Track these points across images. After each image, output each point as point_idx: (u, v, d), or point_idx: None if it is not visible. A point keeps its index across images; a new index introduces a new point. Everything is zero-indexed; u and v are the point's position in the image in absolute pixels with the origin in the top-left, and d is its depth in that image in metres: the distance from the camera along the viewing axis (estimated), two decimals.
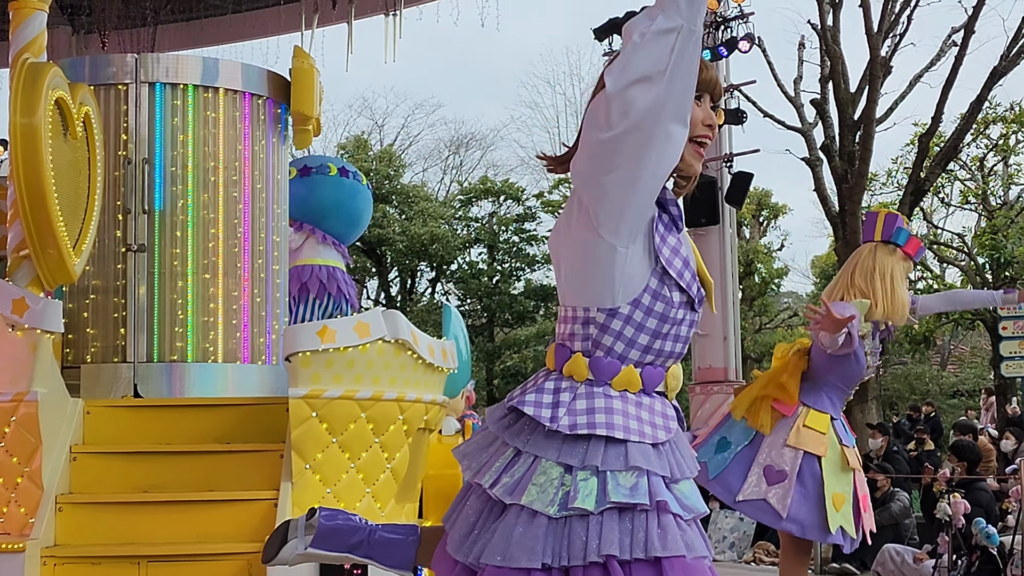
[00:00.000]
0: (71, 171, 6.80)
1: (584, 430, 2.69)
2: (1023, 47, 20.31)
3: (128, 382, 7.59)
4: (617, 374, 2.77)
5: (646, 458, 2.69)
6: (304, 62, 8.39)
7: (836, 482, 6.19)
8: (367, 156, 33.79)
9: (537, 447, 2.72)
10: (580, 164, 2.72)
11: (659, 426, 2.78)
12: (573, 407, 2.73)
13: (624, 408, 2.74)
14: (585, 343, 2.80)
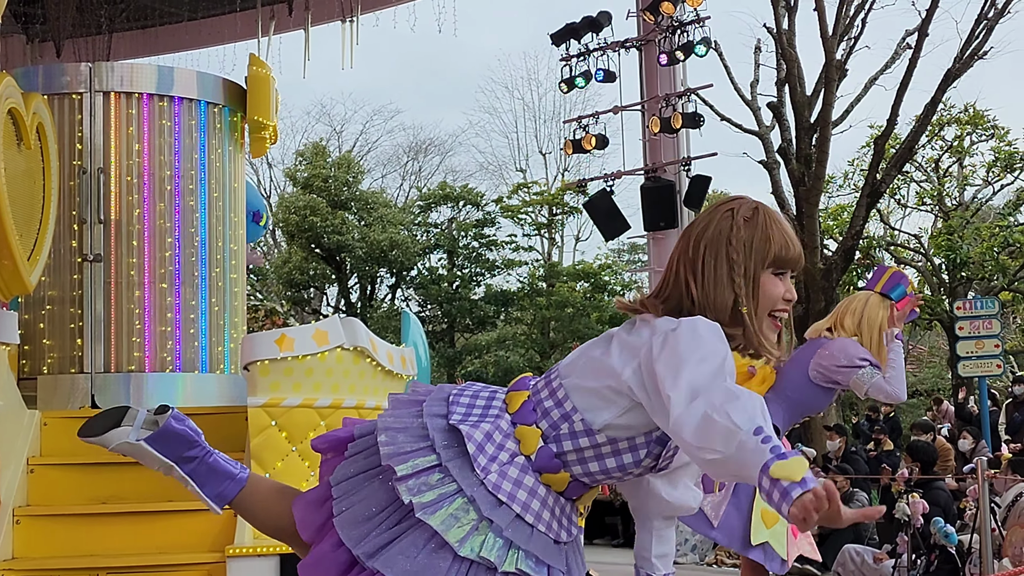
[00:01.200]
0: (25, 181, 6.75)
1: (503, 496, 2.73)
2: (976, 49, 20.47)
3: (85, 393, 7.54)
4: (554, 473, 2.80)
5: (545, 550, 2.74)
6: (260, 69, 8.37)
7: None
8: (325, 163, 33.67)
9: (461, 477, 2.74)
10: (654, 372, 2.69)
11: (564, 527, 2.82)
12: (505, 472, 2.76)
13: (544, 499, 2.78)
14: (550, 430, 2.82)
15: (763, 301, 2.83)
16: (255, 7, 17.67)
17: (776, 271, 2.86)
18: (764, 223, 2.87)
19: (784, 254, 2.85)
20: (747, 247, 2.83)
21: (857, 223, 20.70)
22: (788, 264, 2.87)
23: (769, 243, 2.84)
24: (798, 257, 2.89)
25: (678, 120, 16.78)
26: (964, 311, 18.39)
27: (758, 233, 2.85)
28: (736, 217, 2.86)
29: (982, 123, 28.23)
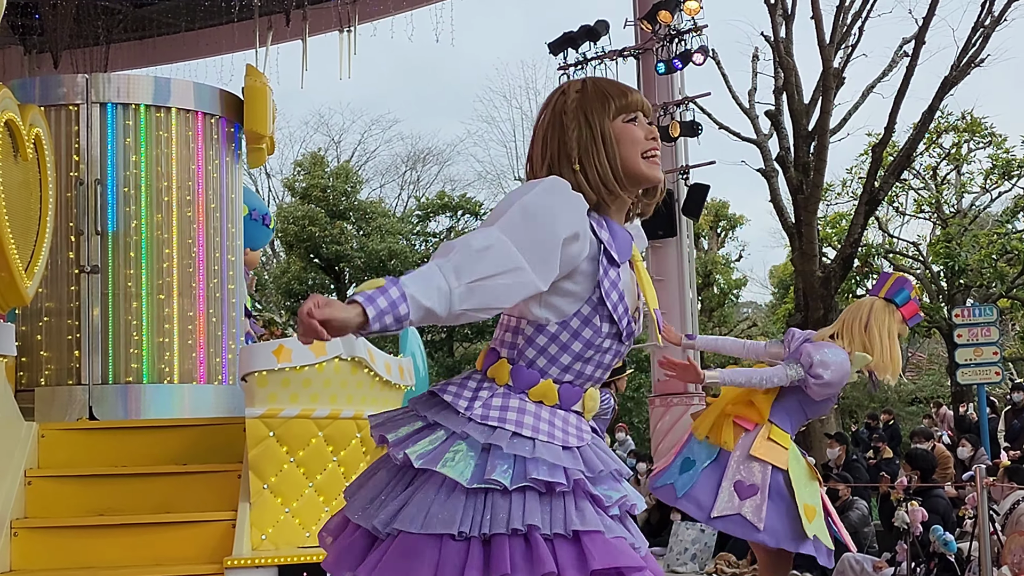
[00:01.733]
0: (22, 193, 6.74)
1: (493, 422, 2.78)
2: (973, 57, 20.50)
3: (83, 404, 7.53)
4: (535, 385, 2.87)
5: (554, 455, 2.76)
6: (257, 80, 8.37)
7: (806, 493, 6.24)
8: (324, 172, 33.70)
9: (449, 422, 2.79)
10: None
11: (571, 433, 2.85)
12: (490, 403, 2.82)
13: (537, 413, 2.83)
14: (511, 351, 2.90)
15: (628, 148, 2.95)
16: (252, 18, 17.69)
17: (625, 118, 2.96)
18: (593, 85, 3.00)
19: (623, 100, 2.97)
20: (585, 111, 2.95)
21: (855, 231, 20.72)
22: (632, 107, 2.98)
23: (607, 97, 2.96)
24: (639, 101, 3.00)
25: (676, 128, 16.79)
26: (963, 318, 18.37)
27: (591, 95, 2.97)
28: (569, 92, 3.00)
29: (979, 130, 28.28)
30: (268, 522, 6.54)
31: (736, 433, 6.38)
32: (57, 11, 17.01)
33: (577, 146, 2.92)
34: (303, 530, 6.72)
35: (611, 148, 2.93)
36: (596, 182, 2.91)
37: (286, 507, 6.63)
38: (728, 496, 6.24)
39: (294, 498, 6.66)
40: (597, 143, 2.92)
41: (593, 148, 2.92)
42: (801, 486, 6.24)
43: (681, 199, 17.22)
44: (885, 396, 30.52)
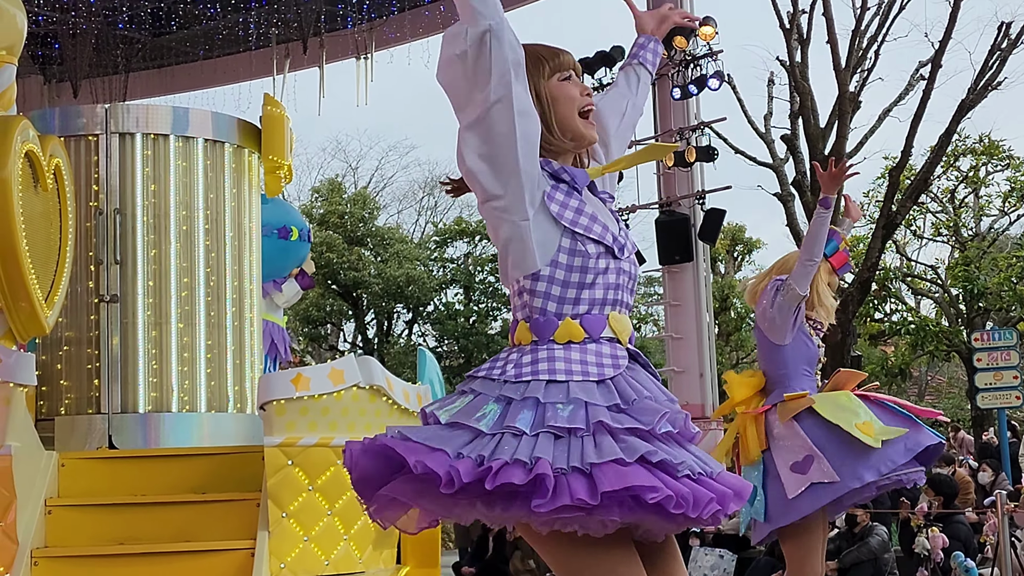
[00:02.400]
0: (42, 223, 6.78)
1: (527, 377, 2.87)
2: (990, 80, 20.50)
3: (103, 433, 7.55)
4: (556, 329, 2.96)
5: (587, 392, 2.84)
6: (274, 109, 8.41)
7: (847, 416, 5.98)
8: (341, 199, 33.78)
9: (482, 387, 2.91)
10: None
11: (605, 364, 2.93)
12: (520, 362, 2.93)
13: (567, 355, 2.92)
14: (524, 311, 3.01)
15: (565, 105, 3.07)
16: (270, 46, 17.80)
17: (560, 77, 3.10)
18: (525, 49, 3.04)
19: (556, 60, 3.10)
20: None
21: (873, 255, 20.70)
22: (565, 66, 3.12)
23: (540, 59, 3.09)
24: (572, 59, 3.14)
25: (692, 154, 16.81)
26: (982, 342, 18.34)
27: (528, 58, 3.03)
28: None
29: (997, 153, 28.22)
30: (287, 551, 6.54)
31: (759, 429, 6.25)
32: (77, 40, 17.15)
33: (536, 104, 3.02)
34: (322, 558, 6.72)
35: (547, 107, 3.05)
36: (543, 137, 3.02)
37: (305, 535, 6.63)
38: (793, 481, 6.06)
39: (313, 526, 6.65)
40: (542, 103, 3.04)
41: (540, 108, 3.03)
42: (835, 416, 6.00)
43: (698, 224, 17.23)
44: None
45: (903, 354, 28.03)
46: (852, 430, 5.89)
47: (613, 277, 3.02)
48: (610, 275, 3.02)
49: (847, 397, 6.11)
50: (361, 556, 6.87)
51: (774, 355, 6.33)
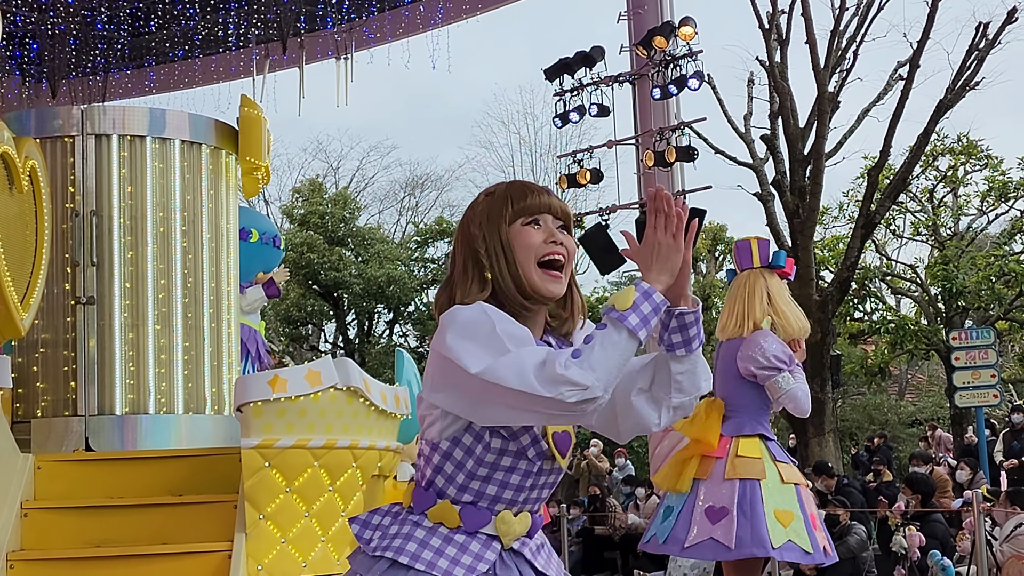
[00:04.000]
0: (17, 225, 6.76)
1: (378, 552, 2.72)
2: (968, 80, 20.58)
3: (79, 436, 7.53)
4: (432, 506, 2.76)
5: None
6: (251, 110, 8.40)
7: (777, 499, 6.22)
8: (322, 199, 33.75)
9: (355, 562, 2.81)
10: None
11: (461, 563, 2.71)
12: (387, 531, 2.77)
13: (425, 539, 2.72)
14: (418, 473, 2.84)
15: (521, 254, 2.77)
16: (249, 46, 17.76)
17: (525, 221, 2.80)
18: (505, 188, 2.86)
19: (525, 202, 2.80)
20: (487, 214, 2.81)
21: (852, 254, 20.76)
22: (533, 209, 2.81)
23: (507, 200, 2.82)
24: (545, 201, 2.83)
25: (672, 154, 16.83)
26: (960, 341, 18.44)
27: (496, 199, 2.84)
28: (480, 197, 2.88)
29: (976, 153, 28.35)
30: (264, 552, 6.53)
31: (706, 465, 6.39)
32: (55, 41, 17.09)
33: (485, 253, 2.79)
34: (300, 560, 6.71)
35: (509, 255, 2.78)
36: (502, 292, 2.76)
37: (282, 537, 6.63)
38: (700, 524, 6.25)
39: (290, 528, 6.65)
40: (495, 250, 2.78)
41: (495, 256, 2.78)
42: (771, 493, 6.22)
43: None
44: (885, 419, 30.50)
45: (883, 353, 28.12)
46: (770, 514, 6.10)
47: (517, 479, 2.77)
48: (513, 475, 2.76)
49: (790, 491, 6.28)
50: (339, 557, 6.86)
51: (738, 387, 6.47)
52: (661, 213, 2.63)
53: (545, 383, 2.45)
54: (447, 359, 2.60)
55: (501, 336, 2.57)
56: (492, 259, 2.77)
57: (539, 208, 2.81)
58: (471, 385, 2.57)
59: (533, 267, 2.76)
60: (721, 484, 6.26)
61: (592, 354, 2.48)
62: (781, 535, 6.13)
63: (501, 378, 2.49)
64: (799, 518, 6.23)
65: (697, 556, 6.44)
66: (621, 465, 19.60)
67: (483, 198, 2.87)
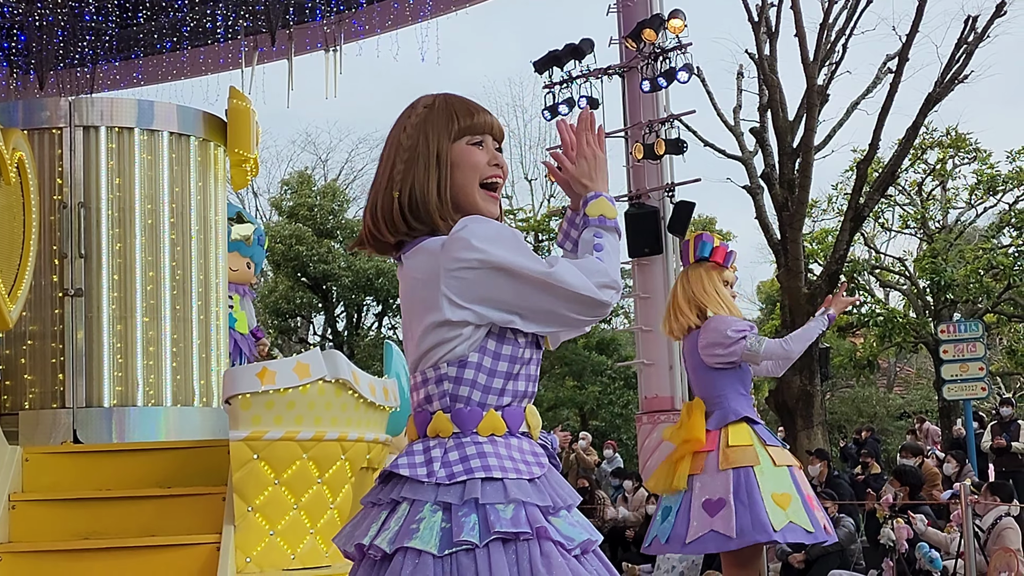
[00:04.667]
0: (5, 217, 6.75)
1: (462, 476, 2.71)
2: (956, 73, 20.62)
3: (67, 428, 7.52)
4: (480, 421, 2.78)
5: (523, 491, 2.72)
6: (240, 102, 8.38)
7: (772, 483, 6.22)
8: (311, 191, 33.72)
9: (414, 493, 2.73)
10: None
11: (531, 463, 2.79)
12: (447, 459, 2.75)
13: (496, 451, 2.76)
14: (443, 400, 2.80)
15: (466, 173, 2.84)
16: (238, 38, 17.72)
17: (471, 140, 2.85)
18: (444, 101, 2.89)
19: (472, 120, 2.85)
20: (427, 129, 2.83)
21: (841, 247, 20.80)
22: (479, 129, 2.87)
23: (452, 116, 2.85)
24: (489, 121, 2.89)
25: (661, 146, 16.83)
26: (948, 334, 18.48)
27: (436, 112, 2.86)
28: (416, 108, 2.90)
29: (964, 146, 28.41)
30: (253, 545, 6.53)
31: (698, 460, 6.40)
32: (43, 32, 17.03)
33: (435, 166, 2.82)
34: (288, 552, 6.71)
35: (444, 172, 2.83)
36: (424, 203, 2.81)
37: (271, 529, 6.62)
38: (698, 518, 6.25)
39: (279, 520, 6.65)
40: (430, 165, 2.82)
41: (430, 169, 2.81)
42: (766, 478, 6.22)
43: (667, 216, 17.25)
44: (874, 411, 30.57)
45: (871, 346, 28.18)
46: (767, 497, 6.11)
47: (533, 368, 2.89)
48: (531, 366, 2.88)
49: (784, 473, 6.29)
50: (327, 550, 6.86)
51: (712, 379, 6.50)
52: (591, 132, 2.88)
53: (600, 289, 2.72)
54: (491, 268, 2.69)
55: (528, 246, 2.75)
56: (427, 172, 2.81)
57: (484, 128, 2.88)
58: (526, 290, 2.71)
59: (476, 188, 2.84)
60: (716, 476, 6.26)
61: (611, 260, 2.78)
62: (782, 518, 6.13)
63: (566, 282, 2.68)
64: (796, 499, 6.24)
65: (700, 550, 6.43)
66: (609, 457, 19.62)
67: (421, 108, 2.89)
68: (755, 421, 6.50)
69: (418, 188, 2.80)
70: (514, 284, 2.69)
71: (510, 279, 2.69)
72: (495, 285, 2.70)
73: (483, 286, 2.71)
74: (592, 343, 29.90)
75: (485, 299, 2.72)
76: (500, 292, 2.71)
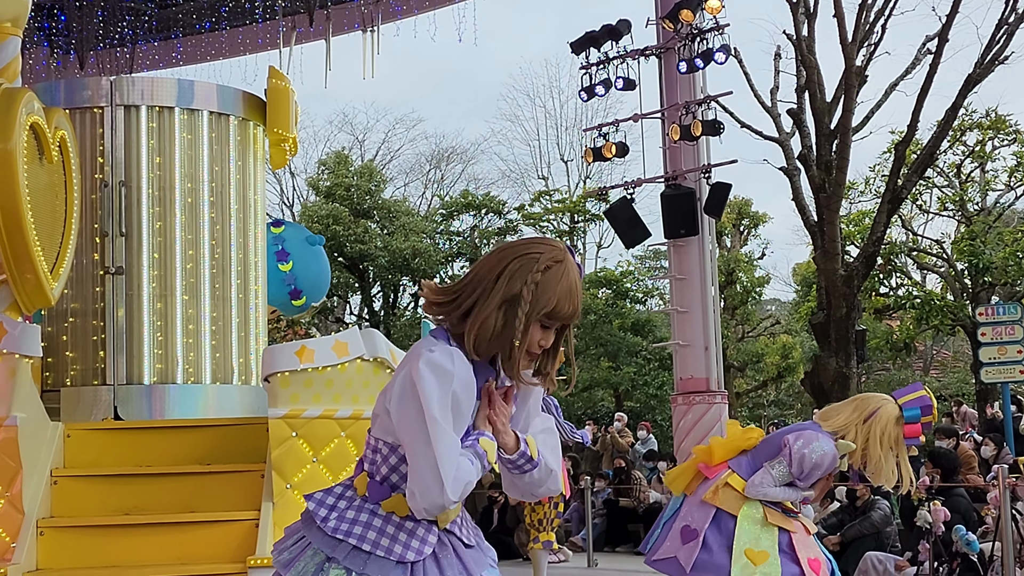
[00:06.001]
0: (47, 195, 6.81)
1: (340, 535, 3.10)
2: (997, 54, 20.44)
3: (108, 405, 7.60)
4: (386, 499, 3.15)
5: (381, 570, 3.08)
6: (279, 82, 8.42)
7: (751, 538, 6.10)
8: (348, 171, 33.73)
9: (312, 535, 3.15)
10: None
11: (411, 547, 3.12)
12: (343, 515, 3.15)
13: (381, 527, 3.13)
14: (371, 466, 3.18)
15: (527, 343, 3.14)
16: (276, 18, 17.76)
17: (546, 322, 3.15)
18: (556, 276, 3.15)
19: (560, 310, 3.15)
20: (536, 293, 3.11)
21: (878, 229, 20.68)
22: (559, 319, 3.17)
23: (552, 297, 3.12)
24: (572, 314, 3.19)
25: (698, 127, 16.76)
26: (986, 317, 18.34)
27: (547, 283, 3.13)
28: (542, 261, 3.14)
29: (1004, 128, 28.14)
30: (291, 521, 6.53)
31: (697, 480, 6.36)
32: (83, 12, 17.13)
33: (522, 322, 3.10)
34: None
35: (510, 327, 3.10)
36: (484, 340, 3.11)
37: None
38: (672, 539, 6.22)
39: None
40: (510, 315, 3.10)
41: (508, 320, 3.10)
42: (745, 531, 6.11)
43: (703, 198, 17.21)
44: None
45: (908, 328, 28.02)
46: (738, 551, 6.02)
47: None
48: None
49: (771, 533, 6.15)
50: None
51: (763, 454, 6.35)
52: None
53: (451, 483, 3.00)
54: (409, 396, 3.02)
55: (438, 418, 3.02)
56: (506, 321, 3.10)
57: (564, 319, 3.19)
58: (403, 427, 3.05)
59: (524, 353, 3.14)
60: (701, 506, 6.20)
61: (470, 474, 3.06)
62: (749, 572, 6.02)
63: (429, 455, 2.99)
64: (774, 561, 6.08)
65: (660, 570, 6.37)
66: (643, 439, 19.61)
67: (544, 266, 3.14)
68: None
69: (492, 325, 3.11)
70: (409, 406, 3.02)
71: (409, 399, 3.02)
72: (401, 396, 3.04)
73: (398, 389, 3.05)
74: (628, 324, 29.86)
75: (392, 399, 3.06)
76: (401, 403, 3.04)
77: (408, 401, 3.01)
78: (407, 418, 3.01)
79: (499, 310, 3.10)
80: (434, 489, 2.96)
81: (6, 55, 6.85)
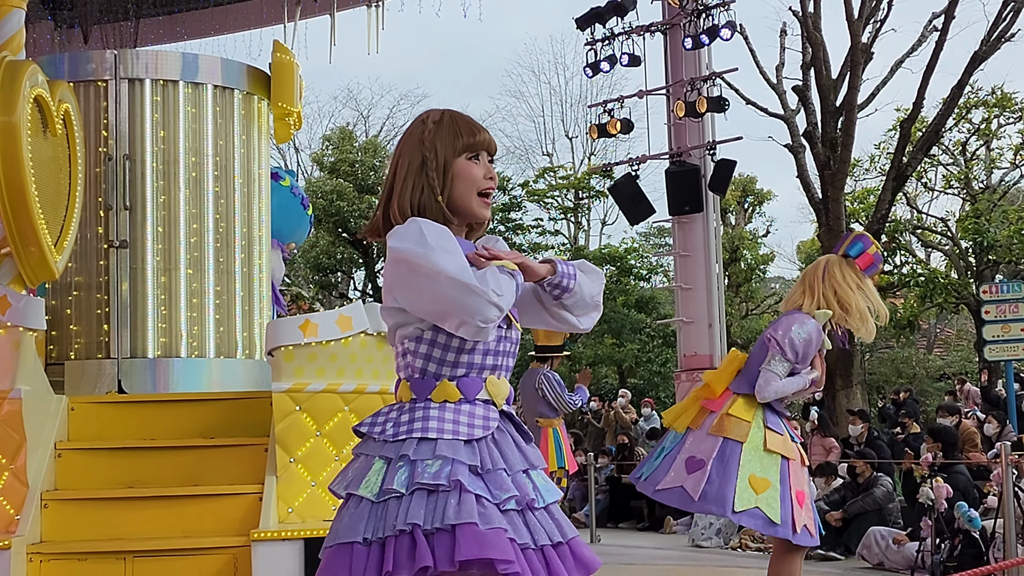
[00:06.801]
0: (51, 168, 6.81)
1: (401, 436, 3.11)
2: (1003, 31, 20.37)
3: (112, 378, 7.61)
4: (433, 389, 3.16)
5: (453, 450, 3.08)
6: (284, 56, 8.40)
7: (756, 465, 6.14)
8: (352, 147, 33.72)
9: (367, 448, 3.16)
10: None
11: (476, 426, 3.15)
12: (398, 420, 3.15)
13: (440, 415, 3.13)
14: (407, 370, 3.20)
15: (466, 184, 3.24)
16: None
17: (469, 156, 3.24)
18: (451, 119, 3.28)
19: (473, 139, 3.25)
20: (436, 142, 3.22)
21: (883, 207, 20.67)
22: (478, 146, 3.27)
23: (456, 134, 3.25)
24: (487, 139, 3.30)
25: (703, 104, 16.77)
26: (990, 295, 18.35)
27: (444, 128, 3.26)
28: (427, 122, 3.28)
29: (1010, 105, 28.07)
30: (294, 495, 6.60)
31: (701, 416, 6.37)
32: None
33: (427, 175, 3.20)
34: (329, 503, 6.77)
35: (447, 181, 3.21)
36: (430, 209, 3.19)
37: (312, 480, 6.69)
38: (677, 470, 6.23)
39: (320, 472, 6.71)
40: (439, 175, 3.21)
41: (436, 179, 3.20)
42: (750, 457, 6.15)
43: (708, 175, 17.21)
44: (913, 372, 30.44)
45: (912, 306, 28.00)
46: (744, 477, 6.05)
47: (492, 344, 3.21)
48: (491, 342, 3.20)
49: (773, 461, 6.19)
50: None
51: (760, 352, 6.39)
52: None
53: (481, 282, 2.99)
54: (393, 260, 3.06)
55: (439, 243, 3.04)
56: (434, 182, 3.21)
57: (483, 146, 3.29)
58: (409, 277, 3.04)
59: (474, 197, 3.25)
60: (706, 438, 6.23)
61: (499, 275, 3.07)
62: (749, 500, 6.04)
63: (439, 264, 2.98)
64: (775, 489, 6.12)
65: (664, 501, 6.39)
66: (647, 415, 19.63)
67: (431, 125, 3.27)
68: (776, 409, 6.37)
69: (424, 193, 3.20)
70: (402, 271, 3.05)
71: (398, 265, 3.05)
72: (394, 274, 3.09)
73: (390, 275, 3.12)
74: (631, 301, 29.86)
75: (391, 288, 3.13)
76: (396, 280, 3.09)
77: (400, 265, 3.04)
78: (408, 277, 3.04)
79: (417, 177, 3.20)
80: (469, 297, 2.96)
81: (10, 28, 6.84)
